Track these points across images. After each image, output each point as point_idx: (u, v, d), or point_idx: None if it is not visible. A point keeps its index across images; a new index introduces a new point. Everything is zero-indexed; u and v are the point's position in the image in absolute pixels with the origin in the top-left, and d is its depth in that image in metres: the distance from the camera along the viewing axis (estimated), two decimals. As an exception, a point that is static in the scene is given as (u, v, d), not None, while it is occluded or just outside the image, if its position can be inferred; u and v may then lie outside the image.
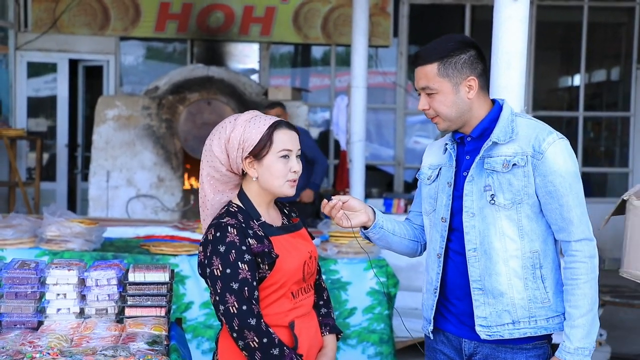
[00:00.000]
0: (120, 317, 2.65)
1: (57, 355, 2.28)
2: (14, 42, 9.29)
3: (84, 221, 4.61)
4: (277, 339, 2.19)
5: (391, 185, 9.86)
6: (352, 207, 2.40)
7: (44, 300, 2.64)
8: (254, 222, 2.28)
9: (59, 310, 2.63)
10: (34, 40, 9.29)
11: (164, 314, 2.64)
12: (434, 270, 2.37)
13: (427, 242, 2.45)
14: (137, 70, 10.08)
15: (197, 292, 4.39)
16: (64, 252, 4.37)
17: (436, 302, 2.36)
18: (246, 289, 2.17)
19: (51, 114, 9.77)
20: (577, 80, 10.10)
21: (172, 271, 2.77)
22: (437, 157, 2.44)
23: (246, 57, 10.10)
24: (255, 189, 2.32)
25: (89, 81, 9.84)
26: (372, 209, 2.46)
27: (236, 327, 2.16)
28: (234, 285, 2.17)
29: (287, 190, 2.31)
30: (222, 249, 2.19)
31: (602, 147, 10.35)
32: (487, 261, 2.24)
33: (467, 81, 2.25)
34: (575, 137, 9.61)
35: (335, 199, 2.38)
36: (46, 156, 9.75)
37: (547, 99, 10.33)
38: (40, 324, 2.61)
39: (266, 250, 2.23)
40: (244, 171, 2.31)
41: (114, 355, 2.26)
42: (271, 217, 2.36)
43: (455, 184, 2.33)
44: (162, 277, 2.66)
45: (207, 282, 2.25)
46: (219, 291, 2.18)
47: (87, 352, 2.29)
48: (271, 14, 9.47)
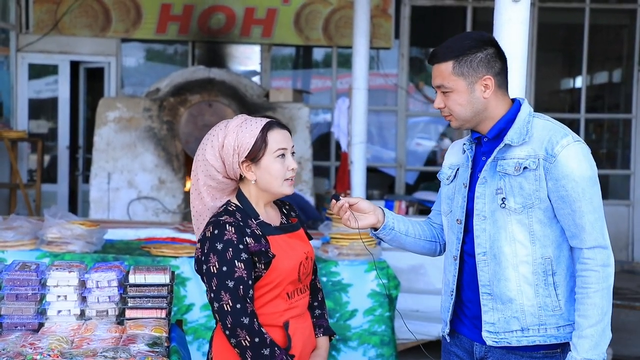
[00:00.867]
0: (120, 319, 2.65)
1: (58, 356, 2.28)
2: (15, 44, 9.30)
3: (85, 223, 4.61)
4: (269, 339, 2.20)
5: (392, 187, 9.85)
6: (361, 209, 2.39)
7: (44, 302, 2.65)
8: (252, 221, 2.29)
9: (59, 312, 2.63)
10: (35, 41, 9.31)
11: (164, 315, 2.64)
12: (450, 272, 2.35)
13: (446, 242, 2.43)
14: (138, 72, 10.09)
15: (198, 294, 4.39)
16: (64, 254, 4.37)
17: (453, 304, 2.34)
18: (241, 287, 2.18)
19: (52, 115, 9.78)
20: (578, 82, 10.11)
21: (173, 273, 2.78)
22: (457, 157, 2.42)
23: (247, 58, 10.11)
24: (253, 191, 2.33)
25: (90, 83, 9.85)
26: (383, 211, 2.44)
27: (229, 325, 2.17)
28: (230, 283, 2.18)
29: (287, 189, 2.32)
30: (219, 246, 2.20)
31: (604, 149, 10.34)
32: (496, 266, 2.21)
33: (482, 80, 2.21)
34: (577, 139, 9.59)
35: (343, 200, 2.37)
36: (47, 158, 9.76)
37: (548, 101, 10.33)
38: (40, 325, 2.62)
39: (263, 249, 2.24)
40: (242, 175, 2.32)
41: (114, 357, 2.26)
42: (269, 216, 2.37)
43: (470, 185, 2.30)
44: (163, 278, 2.66)
45: (203, 279, 2.26)
46: (214, 288, 2.20)
47: (87, 354, 2.29)
48: (272, 15, 9.48)
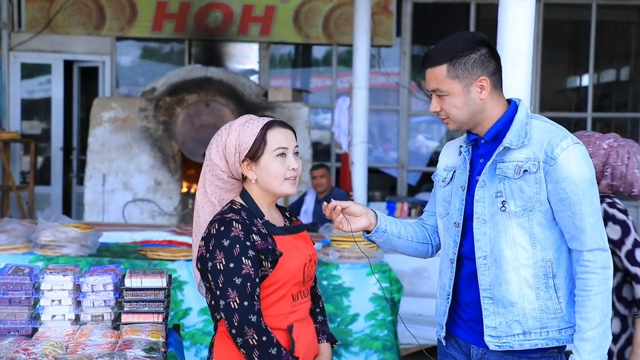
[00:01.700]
0: (116, 324, 2.65)
1: (52, 362, 2.28)
2: (7, 43, 9.31)
3: (80, 226, 4.62)
4: (275, 339, 2.21)
5: (394, 188, 9.86)
6: (353, 213, 2.41)
7: (38, 306, 2.65)
8: (258, 220, 2.31)
9: (53, 316, 2.63)
10: (27, 40, 9.31)
11: (161, 320, 2.65)
12: (446, 275, 2.37)
13: (442, 245, 2.45)
14: (133, 71, 10.10)
15: (195, 298, 4.39)
16: (58, 258, 4.37)
17: (449, 307, 2.36)
18: (248, 284, 2.19)
19: (45, 116, 9.79)
20: (585, 80, 10.11)
21: (170, 276, 2.78)
22: (453, 159, 2.43)
23: (245, 57, 10.12)
24: (256, 191, 2.36)
25: (84, 82, 9.86)
26: (375, 213, 2.46)
27: (236, 323, 2.18)
28: (237, 280, 2.19)
29: (288, 188, 2.33)
30: (226, 243, 2.21)
31: (611, 149, 10.33)
32: (497, 269, 2.24)
33: (478, 81, 2.23)
34: (583, 138, 9.60)
35: (334, 202, 2.39)
36: (40, 159, 9.77)
37: (554, 100, 10.34)
38: (34, 330, 2.62)
39: (270, 247, 2.26)
40: (244, 175, 2.34)
41: (110, 362, 2.26)
42: (273, 217, 2.39)
43: (468, 188, 2.32)
44: (160, 282, 2.67)
45: (206, 277, 2.26)
46: (220, 285, 2.20)
47: (82, 360, 2.29)
48: (271, 13, 9.49)
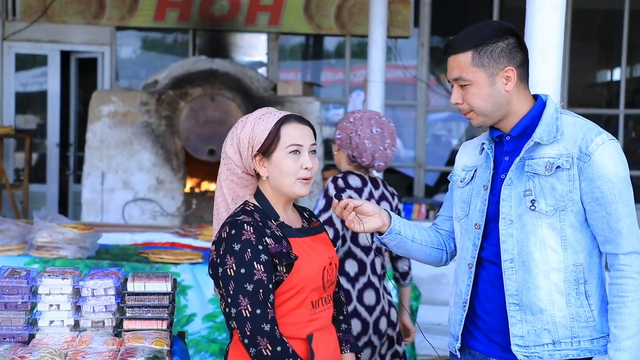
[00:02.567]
0: (118, 330, 2.66)
1: (50, 371, 2.29)
2: (1, 32, 9.36)
3: (78, 226, 4.63)
4: (291, 349, 2.20)
5: (411, 189, 9.86)
6: (365, 212, 2.40)
7: (35, 311, 2.66)
8: (272, 222, 2.31)
9: (51, 322, 2.64)
10: (22, 30, 9.36)
11: (165, 327, 2.66)
12: (463, 281, 2.36)
13: (458, 250, 2.45)
14: (134, 62, 10.13)
15: (199, 303, 4.40)
16: (55, 260, 4.39)
17: (465, 316, 2.36)
18: (261, 291, 2.19)
19: (41, 110, 9.84)
20: (617, 74, 10.07)
21: (175, 280, 2.79)
22: (473, 158, 2.43)
23: (253, 48, 10.13)
24: (269, 189, 2.37)
25: (82, 75, 9.90)
26: (388, 214, 2.46)
27: (248, 333, 2.17)
28: (248, 286, 2.19)
29: (299, 189, 2.33)
30: (236, 247, 2.22)
31: (645, 148, 10.31)
32: (526, 274, 2.23)
33: (504, 72, 2.24)
34: (614, 136, 9.55)
35: (346, 200, 2.38)
36: (35, 156, 9.82)
37: (584, 95, 10.30)
38: (31, 337, 2.63)
39: (284, 250, 2.26)
40: (257, 171, 2.36)
41: (111, 371, 2.27)
42: (289, 218, 2.39)
43: (492, 187, 2.32)
44: (164, 286, 2.68)
45: (218, 283, 2.27)
46: (231, 292, 2.21)
47: (82, 368, 2.30)
48: (280, 1, 9.50)
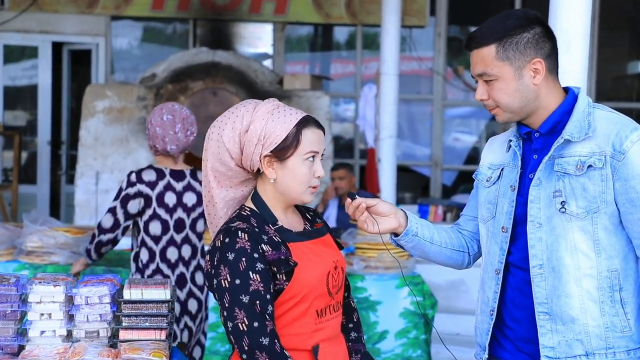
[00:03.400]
0: (114, 341, 2.67)
1: (42, 384, 2.30)
2: (-11, 22, 9.40)
3: (70, 230, 4.65)
4: None
5: (427, 189, 9.85)
6: (380, 212, 2.40)
7: (25, 321, 2.67)
8: (270, 227, 2.30)
9: (42, 332, 2.65)
10: (11, 19, 9.39)
11: (164, 337, 2.66)
12: (490, 288, 2.35)
13: (484, 254, 2.43)
14: (130, 54, 10.16)
15: (201, 312, 4.40)
16: (46, 266, 4.41)
17: (492, 325, 2.35)
18: (258, 302, 2.19)
19: (31, 105, 9.87)
20: (648, 66, 10.04)
21: (174, 287, 2.79)
22: (499, 155, 2.42)
23: (258, 39, 10.14)
24: (271, 192, 2.34)
25: (75, 67, 9.93)
26: (405, 213, 2.45)
27: (246, 348, 2.17)
28: (244, 298, 2.19)
29: (307, 197, 2.34)
30: (230, 256, 2.21)
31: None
32: (556, 280, 2.22)
33: (531, 64, 2.23)
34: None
35: (359, 199, 2.38)
36: (25, 155, 9.85)
37: (613, 88, 10.27)
38: (21, 348, 2.64)
39: (282, 257, 2.25)
40: (260, 170, 2.33)
41: (107, 384, 2.28)
42: (290, 221, 2.38)
43: (519, 187, 2.31)
44: (163, 294, 2.68)
45: (214, 295, 2.27)
46: (227, 305, 2.20)
47: (75, 381, 2.31)
48: (287, -11, 9.50)
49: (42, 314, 2.65)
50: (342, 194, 6.90)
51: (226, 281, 2.21)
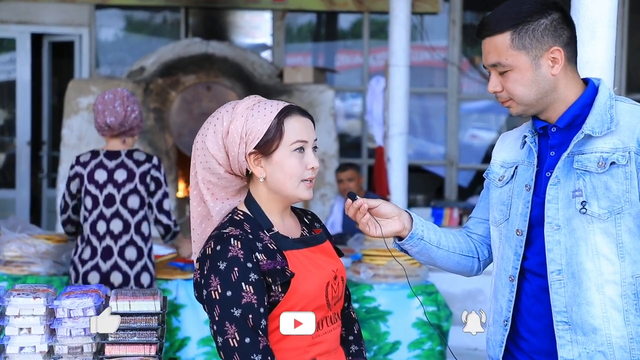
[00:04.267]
0: (99, 358, 2.67)
1: (21, 404, 2.30)
2: (-37, 13, 9.42)
3: (52, 238, 4.66)
4: None
5: (441, 190, 9.85)
6: (382, 214, 2.41)
7: (2, 336, 2.67)
8: (264, 233, 2.30)
9: (22, 349, 2.65)
10: (-13, 9, 9.42)
11: (154, 352, 2.66)
12: (504, 296, 2.36)
13: (496, 260, 2.44)
14: (117, 46, 10.17)
15: (194, 325, 4.42)
16: (26, 277, 4.42)
17: (506, 336, 2.35)
18: (251, 316, 2.19)
19: (9, 103, 9.89)
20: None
21: (165, 299, 2.80)
22: (513, 152, 2.43)
23: (255, 29, 10.16)
24: (264, 193, 2.35)
25: (56, 61, 9.95)
26: (410, 215, 2.46)
27: None
28: (236, 311, 2.19)
29: (303, 192, 2.33)
30: (222, 266, 2.21)
31: None
32: (576, 287, 2.22)
33: (549, 52, 2.23)
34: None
35: (360, 200, 2.39)
36: (2, 157, 9.87)
37: (644, 79, 10.26)
38: (-2, 365, 2.65)
39: (278, 267, 2.25)
40: (249, 171, 2.33)
41: (91, 404, 2.28)
42: (287, 227, 2.38)
43: (535, 187, 2.31)
44: (152, 305, 2.68)
45: (204, 307, 2.27)
46: (217, 319, 2.21)
47: (58, 401, 2.31)
48: (287, -27, 9.52)
49: (21, 329, 2.65)
50: None
51: (216, 292, 2.21)
